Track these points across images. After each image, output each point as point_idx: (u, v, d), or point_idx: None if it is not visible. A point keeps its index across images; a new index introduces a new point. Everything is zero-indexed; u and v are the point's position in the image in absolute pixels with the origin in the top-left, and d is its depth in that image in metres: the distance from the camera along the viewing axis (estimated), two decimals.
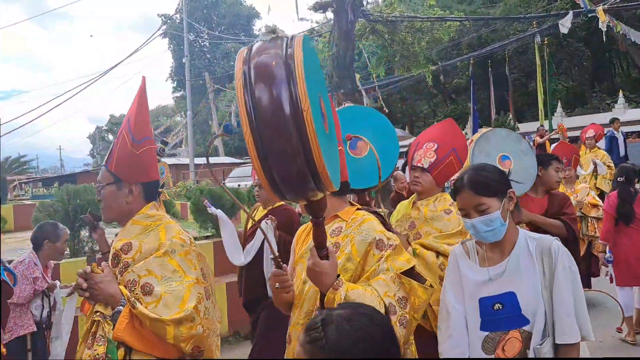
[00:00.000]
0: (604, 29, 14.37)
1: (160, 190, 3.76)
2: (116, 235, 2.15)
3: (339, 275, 1.80)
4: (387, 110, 22.21)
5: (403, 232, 3.02)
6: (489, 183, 1.88)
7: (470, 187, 1.88)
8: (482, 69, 26.17)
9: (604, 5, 14.63)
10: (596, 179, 8.19)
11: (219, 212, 3.86)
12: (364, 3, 14.53)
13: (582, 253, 5.25)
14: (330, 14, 13.28)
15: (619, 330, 4.81)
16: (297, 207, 4.55)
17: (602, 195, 7.17)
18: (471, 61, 23.35)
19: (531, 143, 16.43)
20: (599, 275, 5.22)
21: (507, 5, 25.22)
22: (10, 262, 3.83)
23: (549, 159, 3.75)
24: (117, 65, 20.28)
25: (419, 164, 2.94)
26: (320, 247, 1.74)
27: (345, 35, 11.92)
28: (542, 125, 16.14)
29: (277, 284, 1.91)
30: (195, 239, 6.22)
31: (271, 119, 1.35)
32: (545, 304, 1.79)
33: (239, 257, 3.79)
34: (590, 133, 9.10)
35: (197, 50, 45.66)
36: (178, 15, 38.15)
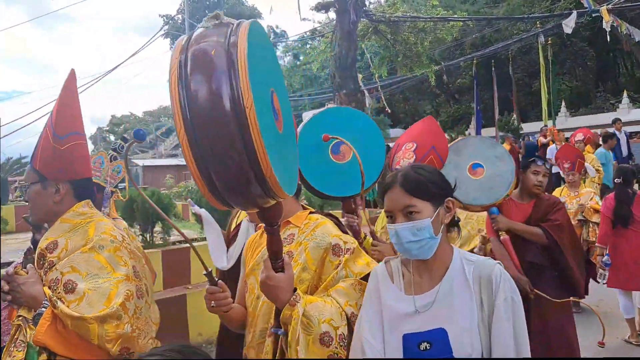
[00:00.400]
0: (608, 29, 14.29)
1: (113, 189, 3.58)
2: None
3: (295, 289, 1.64)
4: (389, 110, 22.18)
5: (388, 240, 2.97)
6: (424, 183, 1.59)
7: (401, 185, 1.59)
8: (486, 69, 26.08)
9: (608, 5, 14.56)
10: (584, 182, 8.05)
11: (202, 212, 3.71)
12: (367, 3, 14.50)
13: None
14: (332, 14, 13.25)
15: (601, 344, 4.57)
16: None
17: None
18: (474, 61, 23.29)
19: (535, 143, 16.36)
20: (597, 281, 5.11)
21: (510, 5, 25.12)
22: (10, 263, 3.78)
23: (529, 161, 3.59)
24: (118, 66, 20.20)
25: (398, 167, 2.70)
26: (276, 257, 1.58)
27: (348, 36, 11.89)
28: (545, 126, 16.07)
29: (213, 302, 1.72)
30: (195, 240, 6.22)
31: (208, 117, 1.18)
32: (482, 343, 1.49)
33: (222, 261, 3.58)
34: (579, 136, 9.02)
35: None
36: (180, 16, 38.20)
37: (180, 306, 5.01)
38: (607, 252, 4.77)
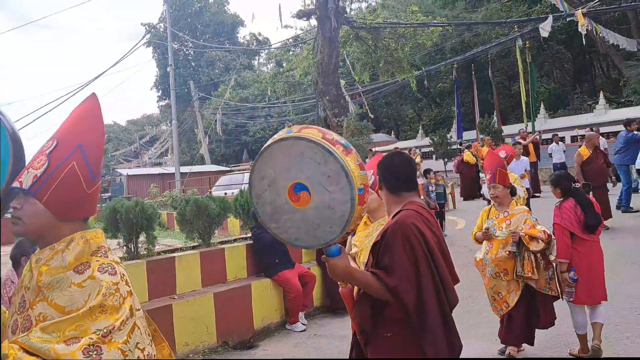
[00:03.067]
0: (584, 32, 14.62)
1: None
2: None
3: None
4: (372, 116, 22.34)
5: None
6: None
7: None
8: (466, 73, 26.48)
9: (583, 8, 14.89)
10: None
11: None
12: (347, 10, 14.64)
13: (513, 304, 4.29)
14: (314, 21, 13.35)
15: (572, 354, 4.37)
16: None
17: None
18: (455, 65, 23.65)
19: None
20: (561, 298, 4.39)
21: (488, 10, 25.54)
22: None
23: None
24: (100, 75, 20.08)
25: None
26: None
27: (329, 42, 11.99)
28: (522, 128, 16.33)
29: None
30: (181, 249, 6.21)
31: None
32: None
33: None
34: (502, 154, 7.84)
35: (181, 58, 45.55)
36: (162, 24, 38.04)
37: (166, 316, 5.00)
38: (570, 265, 4.24)
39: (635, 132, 10.39)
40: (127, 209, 5.52)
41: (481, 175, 7.13)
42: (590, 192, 5.71)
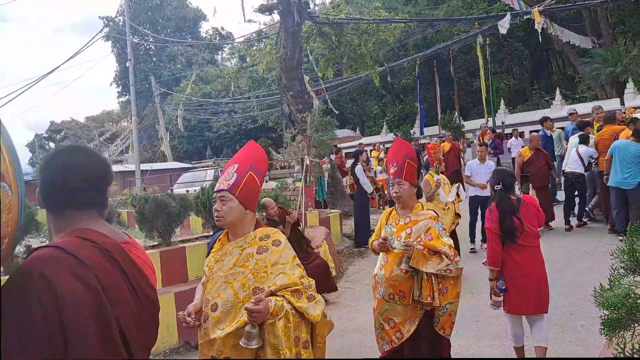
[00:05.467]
0: (540, 30, 15.04)
1: None
2: None
3: None
4: (337, 112, 22.39)
5: None
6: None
7: None
8: (428, 69, 26.86)
9: (539, 7, 15.31)
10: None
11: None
12: (311, 5, 14.58)
13: (408, 335, 3.32)
14: (277, 16, 13.23)
15: None
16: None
17: None
18: (417, 62, 23.93)
19: (475, 140, 16.97)
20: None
21: (450, 6, 25.95)
22: None
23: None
24: (56, 68, 19.37)
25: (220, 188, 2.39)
26: None
27: (292, 37, 11.91)
28: (484, 123, 16.68)
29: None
30: (146, 248, 6.05)
31: None
32: None
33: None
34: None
35: (142, 53, 44.44)
36: (121, 18, 36.96)
37: None
38: (499, 274, 3.88)
39: (549, 131, 10.88)
40: None
41: (436, 177, 7.11)
42: (530, 191, 5.84)
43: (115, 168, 27.41)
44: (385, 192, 10.90)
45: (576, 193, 8.84)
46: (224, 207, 2.35)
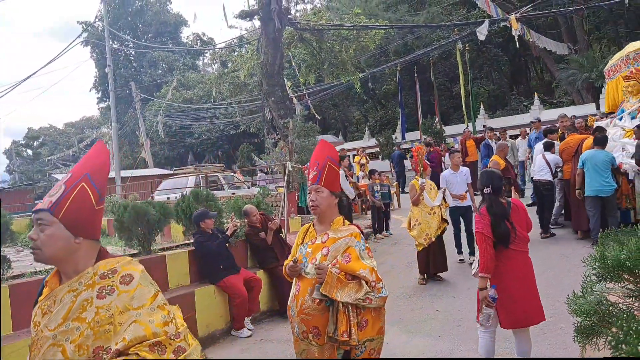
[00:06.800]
0: (517, 36, 15.31)
1: None
2: None
3: None
4: (319, 117, 22.45)
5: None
6: None
7: None
8: (409, 75, 27.10)
9: (515, 14, 15.58)
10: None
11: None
12: (292, 11, 14.61)
13: None
14: (257, 22, 13.22)
15: None
16: None
17: None
18: (398, 67, 24.15)
19: (457, 145, 17.17)
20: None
21: (430, 13, 26.23)
22: None
23: None
24: (34, 73, 19.04)
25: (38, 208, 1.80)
26: None
27: (273, 43, 11.91)
28: (466, 128, 16.87)
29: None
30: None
31: None
32: None
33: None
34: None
35: (122, 58, 43.99)
36: (100, 23, 36.54)
37: None
38: (492, 283, 3.62)
39: (489, 140, 11.06)
40: None
41: (421, 181, 7.15)
42: (513, 194, 5.86)
43: None
44: (367, 197, 10.95)
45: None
46: (42, 235, 1.72)
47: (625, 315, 1.15)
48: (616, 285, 1.40)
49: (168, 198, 12.01)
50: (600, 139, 7.26)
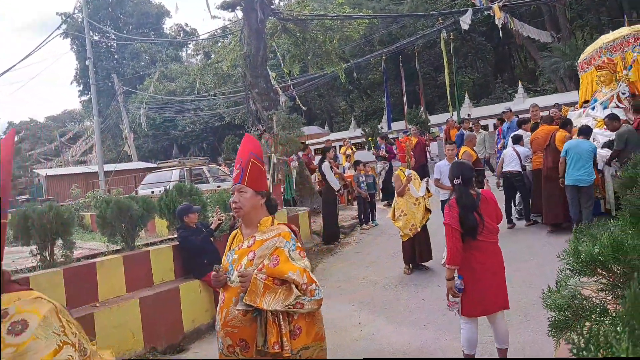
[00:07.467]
0: (500, 25, 15.35)
1: None
2: None
3: None
4: (304, 108, 22.32)
5: None
6: None
7: None
8: (394, 64, 27.07)
9: (499, 2, 15.61)
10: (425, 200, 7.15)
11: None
12: (276, 1, 14.48)
13: None
14: (240, 13, 13.07)
15: None
16: None
17: None
18: (383, 57, 24.09)
19: (442, 135, 17.22)
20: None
21: (414, 2, 26.17)
22: None
23: None
24: (11, 68, 18.66)
25: None
26: None
27: (256, 34, 11.79)
28: (450, 117, 16.92)
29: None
30: (103, 254, 5.89)
31: None
32: None
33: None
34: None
35: (103, 50, 43.32)
36: (80, 14, 35.85)
37: (87, 326, 4.73)
38: (459, 273, 3.68)
39: (464, 130, 11.09)
40: (39, 215, 5.15)
41: (407, 172, 7.16)
42: (485, 186, 5.85)
43: (78, 169, 26.69)
44: (353, 188, 10.97)
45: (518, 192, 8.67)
46: None
47: (598, 309, 1.17)
48: (590, 279, 1.42)
49: (152, 192, 11.89)
50: (585, 129, 7.33)
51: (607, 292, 1.36)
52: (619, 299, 1.28)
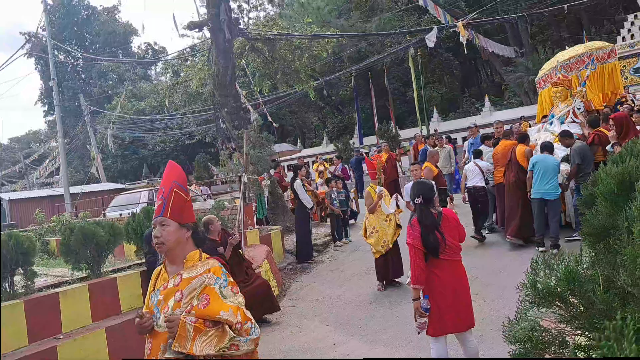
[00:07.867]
0: (465, 42, 15.74)
1: None
2: None
3: None
4: (276, 125, 22.35)
5: None
6: None
7: None
8: (364, 80, 27.42)
9: (463, 20, 16.03)
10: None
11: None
12: (245, 19, 14.50)
13: None
14: (208, 33, 13.03)
15: None
16: None
17: None
18: (353, 74, 24.36)
19: (411, 149, 17.42)
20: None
21: (382, 19, 26.62)
22: None
23: None
24: None
25: None
26: None
27: (224, 54, 11.76)
28: (418, 132, 17.17)
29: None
30: (67, 282, 5.69)
31: None
32: None
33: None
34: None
35: (69, 70, 42.52)
36: (45, 33, 35.22)
37: None
38: (424, 293, 3.66)
39: (428, 146, 11.32)
40: None
41: (378, 189, 7.18)
42: (448, 204, 5.88)
43: (44, 192, 25.89)
44: (327, 205, 10.94)
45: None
46: None
47: (557, 341, 1.17)
48: (549, 310, 1.43)
49: (120, 215, 11.61)
50: (548, 145, 7.51)
51: (565, 323, 1.36)
52: (576, 330, 1.30)
